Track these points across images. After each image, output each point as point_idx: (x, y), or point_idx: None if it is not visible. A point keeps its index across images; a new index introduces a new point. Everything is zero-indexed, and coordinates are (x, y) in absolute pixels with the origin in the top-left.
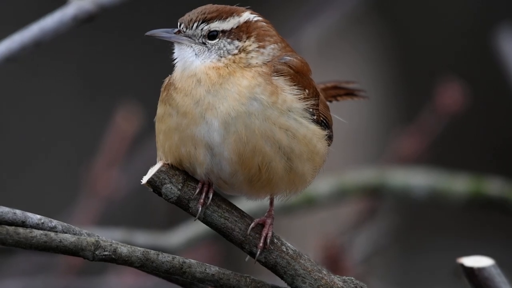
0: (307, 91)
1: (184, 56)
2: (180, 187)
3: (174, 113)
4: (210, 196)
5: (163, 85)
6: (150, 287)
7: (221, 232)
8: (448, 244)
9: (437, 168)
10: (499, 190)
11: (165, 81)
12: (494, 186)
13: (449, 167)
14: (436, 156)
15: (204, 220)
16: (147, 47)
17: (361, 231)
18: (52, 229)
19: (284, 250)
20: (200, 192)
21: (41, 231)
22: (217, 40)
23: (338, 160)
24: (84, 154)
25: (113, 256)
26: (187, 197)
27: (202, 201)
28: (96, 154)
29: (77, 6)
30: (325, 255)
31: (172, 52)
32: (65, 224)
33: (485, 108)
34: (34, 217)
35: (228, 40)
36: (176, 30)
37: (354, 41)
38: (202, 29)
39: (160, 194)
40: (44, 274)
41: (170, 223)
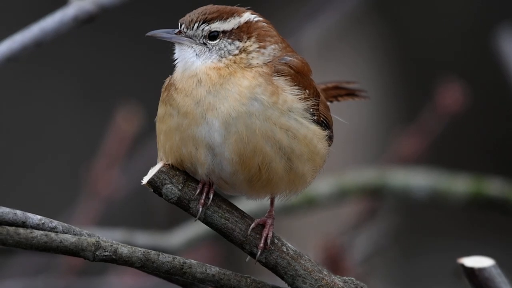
0: (307, 91)
1: (185, 56)
2: (180, 187)
3: (175, 114)
4: (211, 196)
5: (163, 86)
6: (151, 287)
7: (221, 233)
8: (448, 244)
9: (437, 168)
10: (499, 190)
11: (166, 82)
12: (494, 186)
13: (450, 167)
14: (436, 156)
15: (205, 221)
16: (147, 48)
17: (362, 231)
18: (53, 229)
19: (285, 250)
20: (201, 193)
21: (41, 232)
22: (217, 40)
23: (338, 160)
24: (84, 154)
25: (114, 257)
26: (187, 197)
27: (203, 201)
28: (97, 155)
29: (77, 6)
30: (326, 256)
31: (172, 52)
32: (65, 224)
33: (485, 108)
34: (34, 218)
35: (229, 40)
36: (177, 30)
37: (354, 42)
38: (203, 29)
39: (160, 194)
40: (45, 274)
41: (170, 223)
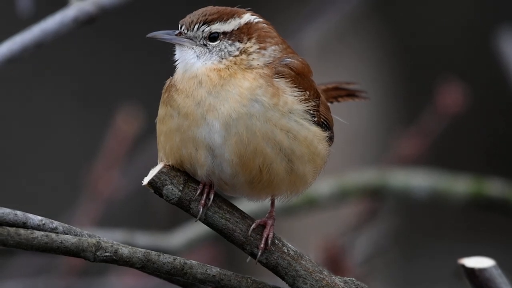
0: (308, 92)
1: (185, 57)
2: (181, 188)
3: (175, 115)
4: (211, 197)
5: (164, 87)
6: None
7: (222, 233)
8: (448, 245)
9: (437, 169)
10: (500, 191)
11: (167, 83)
12: (495, 187)
13: (450, 168)
14: (437, 157)
15: (205, 221)
16: (148, 49)
17: (362, 232)
18: (53, 230)
19: (285, 251)
20: (201, 193)
21: (42, 232)
22: (218, 41)
23: (339, 161)
24: (85, 155)
25: (114, 257)
26: (188, 198)
27: (203, 202)
28: (97, 156)
29: (77, 7)
30: (326, 256)
31: (173, 54)
32: (66, 225)
33: (485, 108)
34: (35, 218)
35: (229, 41)
36: (177, 32)
37: (354, 43)
38: (203, 30)
39: (161, 195)
40: (45, 275)
41: (171, 224)
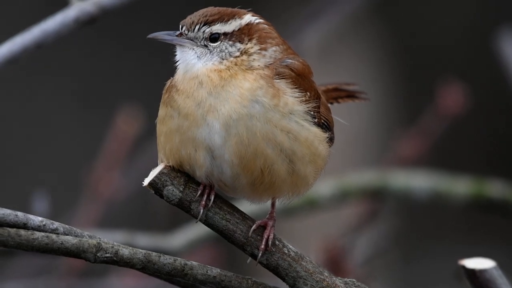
0: (308, 93)
1: (186, 58)
2: (181, 189)
3: (175, 115)
4: (212, 198)
5: (165, 88)
6: None
7: (222, 234)
8: (449, 247)
9: (438, 170)
10: (500, 192)
11: (167, 84)
12: (495, 188)
13: (450, 169)
14: (437, 158)
15: (206, 222)
16: (148, 50)
17: (362, 233)
18: (54, 231)
19: (286, 252)
20: (202, 194)
21: (42, 233)
22: (219, 42)
23: (339, 162)
24: (85, 156)
25: (115, 258)
26: (188, 199)
27: (204, 203)
28: (98, 157)
29: (78, 8)
30: (327, 257)
31: (174, 54)
32: (66, 226)
33: (486, 109)
34: (35, 219)
35: (230, 42)
36: (178, 32)
37: (354, 43)
38: (204, 31)
39: (161, 196)
40: (46, 276)
41: (171, 225)
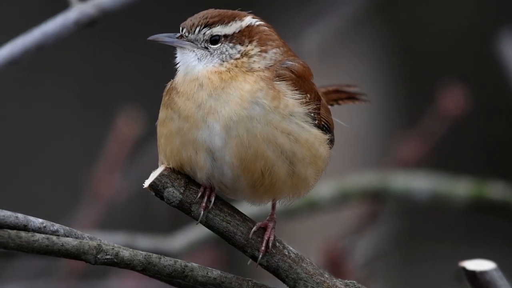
0: (308, 95)
1: (186, 60)
2: (182, 191)
3: (175, 117)
4: (212, 199)
5: (165, 90)
6: None
7: (223, 236)
8: (449, 249)
9: (438, 171)
10: (501, 194)
11: (167, 86)
12: (496, 190)
13: (451, 171)
14: (438, 159)
15: (206, 224)
16: (149, 52)
17: (363, 235)
18: (54, 232)
19: (286, 253)
20: (202, 196)
21: (43, 235)
22: (219, 44)
23: (340, 164)
24: (86, 158)
25: (115, 260)
26: (189, 200)
27: (204, 204)
28: (98, 158)
29: (79, 10)
30: (327, 259)
31: (174, 56)
32: (67, 228)
33: (486, 111)
34: (36, 221)
35: (230, 44)
36: (179, 34)
37: (355, 45)
38: (204, 33)
39: (162, 198)
40: (46, 278)
41: (172, 226)
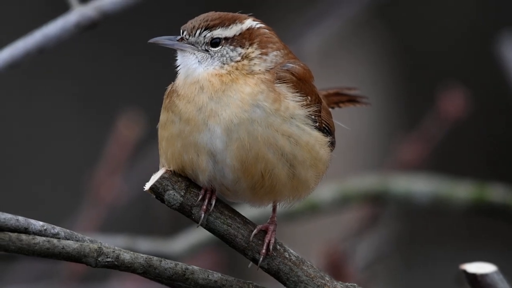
0: (309, 98)
1: (187, 63)
2: (183, 193)
3: (176, 120)
4: (213, 202)
5: (166, 92)
6: None
7: (223, 239)
8: (449, 252)
9: (439, 174)
10: (501, 197)
11: (168, 88)
12: (496, 193)
13: (451, 174)
14: (438, 162)
15: (207, 227)
16: (149, 55)
17: (364, 237)
18: (55, 235)
19: (287, 256)
20: (203, 199)
21: (43, 238)
22: (219, 47)
23: (340, 166)
24: (87, 161)
25: (116, 263)
26: (189, 203)
27: (205, 207)
28: (99, 161)
29: (79, 13)
30: (328, 262)
31: (175, 59)
32: (67, 230)
33: (487, 114)
34: (37, 224)
35: (231, 47)
36: (179, 37)
37: (355, 48)
38: (205, 36)
39: (162, 200)
40: (47, 280)
41: (172, 229)
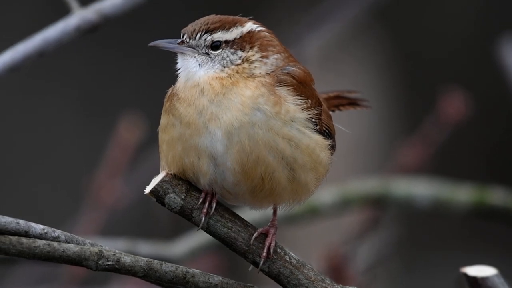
0: (310, 101)
1: (187, 66)
2: (183, 197)
3: (177, 123)
4: (214, 205)
5: (166, 96)
6: None
7: (224, 242)
8: (450, 256)
9: (440, 177)
10: (502, 200)
11: (168, 92)
12: (497, 196)
13: (452, 177)
14: (439, 165)
15: (207, 230)
16: (150, 58)
17: (364, 241)
18: (55, 239)
19: (287, 259)
20: (204, 202)
21: (44, 241)
22: (220, 50)
23: (341, 169)
24: (87, 164)
25: (116, 266)
26: (190, 206)
27: (205, 210)
28: (99, 165)
29: (80, 16)
30: (329, 265)
31: (175, 62)
32: (68, 234)
33: (487, 117)
34: (37, 227)
35: (231, 50)
36: (179, 40)
37: (356, 51)
38: (205, 39)
39: (163, 204)
40: (47, 284)
41: (173, 232)
